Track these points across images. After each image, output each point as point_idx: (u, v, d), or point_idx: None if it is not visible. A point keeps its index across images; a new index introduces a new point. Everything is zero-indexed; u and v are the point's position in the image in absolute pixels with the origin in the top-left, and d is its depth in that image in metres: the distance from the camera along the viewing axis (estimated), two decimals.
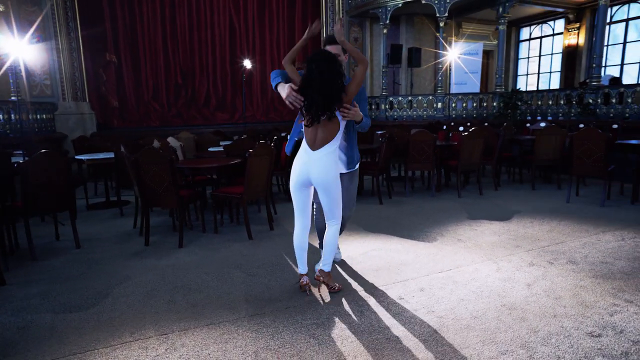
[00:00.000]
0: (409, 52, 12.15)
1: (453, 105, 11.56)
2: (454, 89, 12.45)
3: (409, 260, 3.51)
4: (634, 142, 5.47)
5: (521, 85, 13.95)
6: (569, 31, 12.27)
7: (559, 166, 6.30)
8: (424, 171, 6.82)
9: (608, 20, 11.15)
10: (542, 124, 7.77)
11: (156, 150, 3.70)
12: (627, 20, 11.24)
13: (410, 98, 11.86)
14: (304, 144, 2.75)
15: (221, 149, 6.03)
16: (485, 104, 11.61)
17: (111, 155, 5.42)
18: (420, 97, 11.77)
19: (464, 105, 11.55)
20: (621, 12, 11.44)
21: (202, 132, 9.00)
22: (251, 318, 2.56)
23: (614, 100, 8.54)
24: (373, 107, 12.54)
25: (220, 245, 3.99)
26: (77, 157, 5.66)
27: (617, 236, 4.01)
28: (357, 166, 3.11)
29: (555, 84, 13.16)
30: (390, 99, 12.02)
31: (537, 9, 11.96)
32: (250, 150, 3.94)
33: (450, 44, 12.93)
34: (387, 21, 11.38)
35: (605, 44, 11.17)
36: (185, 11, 11.27)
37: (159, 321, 2.55)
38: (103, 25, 10.33)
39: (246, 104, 12.00)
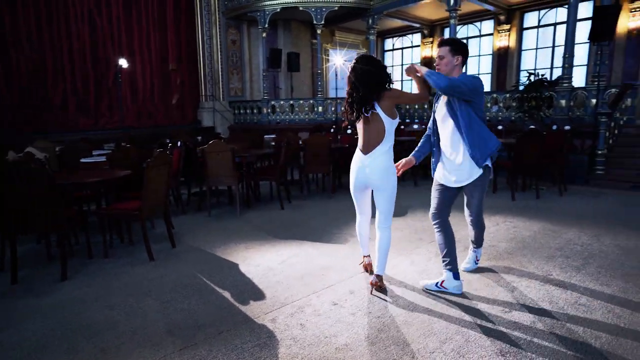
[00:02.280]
0: (288, 56, 12.33)
1: (332, 109, 12.13)
2: (332, 94, 13.08)
3: (329, 264, 3.52)
4: None
5: None
6: (425, 44, 13.98)
7: None
8: (319, 173, 6.97)
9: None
10: (415, 126, 8.67)
11: (27, 163, 2.99)
12: (467, 39, 13.27)
13: (291, 102, 12.06)
14: (357, 148, 2.94)
15: (98, 159, 5.23)
16: None
17: None
18: (301, 101, 12.05)
19: (342, 108, 12.21)
20: (463, 31, 13.45)
21: (62, 141, 7.73)
22: (182, 352, 2.25)
23: None
24: (255, 111, 12.39)
25: (116, 271, 3.43)
26: None
27: (492, 222, 4.67)
28: (481, 171, 2.80)
29: (415, 89, 14.84)
30: (272, 102, 12.04)
31: (399, 23, 13.33)
32: (149, 160, 3.48)
33: (325, 50, 13.56)
34: (266, 25, 11.37)
35: None
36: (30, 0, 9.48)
37: None
38: None
39: (114, 108, 10.71)
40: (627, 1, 9.46)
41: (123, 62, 8.66)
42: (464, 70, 2.85)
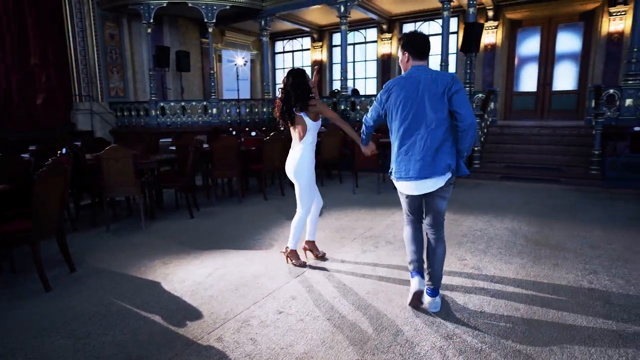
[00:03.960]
0: (177, 55, 11.56)
1: (227, 111, 11.74)
2: (227, 95, 12.65)
3: (262, 272, 3.39)
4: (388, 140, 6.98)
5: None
6: (314, 48, 14.41)
7: (339, 163, 7.37)
8: (225, 178, 6.68)
9: (338, 43, 13.77)
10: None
11: None
12: (354, 45, 14.08)
13: (183, 103, 11.32)
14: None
15: None
16: (256, 110, 12.34)
17: None
18: (194, 103, 11.40)
19: (238, 111, 11.92)
20: (350, 38, 14.20)
21: None
22: None
23: (358, 107, 10.62)
24: (141, 113, 11.34)
25: (2, 308, 2.80)
26: None
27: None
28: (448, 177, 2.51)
29: None
30: (162, 104, 11.14)
31: (289, 26, 13.50)
32: (41, 170, 2.92)
33: (215, 50, 13.04)
34: (151, 20, 10.46)
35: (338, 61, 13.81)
36: None
37: None
38: None
39: None
40: (483, 20, 11.07)
41: None
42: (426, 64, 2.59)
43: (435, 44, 12.29)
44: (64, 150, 4.60)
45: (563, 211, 5.12)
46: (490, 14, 11.04)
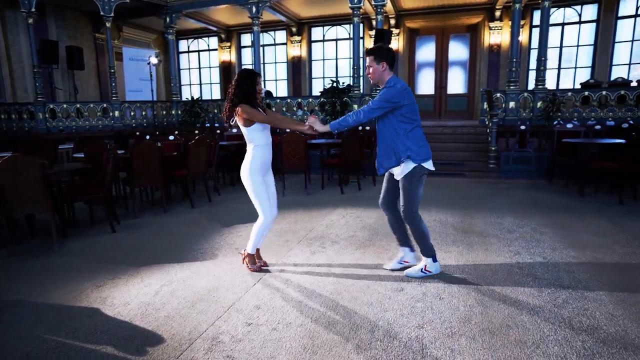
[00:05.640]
0: (68, 51, 10.28)
1: (132, 113, 10.81)
2: (128, 97, 11.60)
3: (215, 284, 3.20)
4: (316, 142, 7.08)
5: (186, 94, 14.66)
6: (222, 48, 13.97)
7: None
8: (147, 187, 6.14)
9: (247, 44, 13.62)
10: (234, 130, 8.66)
11: None
12: (264, 46, 13.97)
13: (78, 105, 10.12)
14: None
15: None
16: (164, 112, 11.56)
17: None
18: (92, 104, 10.27)
19: (144, 113, 11.04)
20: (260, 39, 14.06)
21: None
22: None
23: (274, 109, 10.57)
24: (25, 116, 9.84)
25: None
26: None
27: (338, 215, 5.15)
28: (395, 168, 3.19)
29: (216, 94, 14.68)
30: (51, 106, 9.81)
31: (194, 25, 12.88)
32: None
33: (111, 47, 11.90)
34: (33, 9, 9.14)
35: (247, 62, 13.66)
36: None
37: None
38: None
39: None
40: (386, 27, 11.85)
41: None
42: (393, 74, 3.06)
43: (344, 48, 12.85)
44: None
45: (475, 201, 5.74)
46: (393, 22, 11.87)
